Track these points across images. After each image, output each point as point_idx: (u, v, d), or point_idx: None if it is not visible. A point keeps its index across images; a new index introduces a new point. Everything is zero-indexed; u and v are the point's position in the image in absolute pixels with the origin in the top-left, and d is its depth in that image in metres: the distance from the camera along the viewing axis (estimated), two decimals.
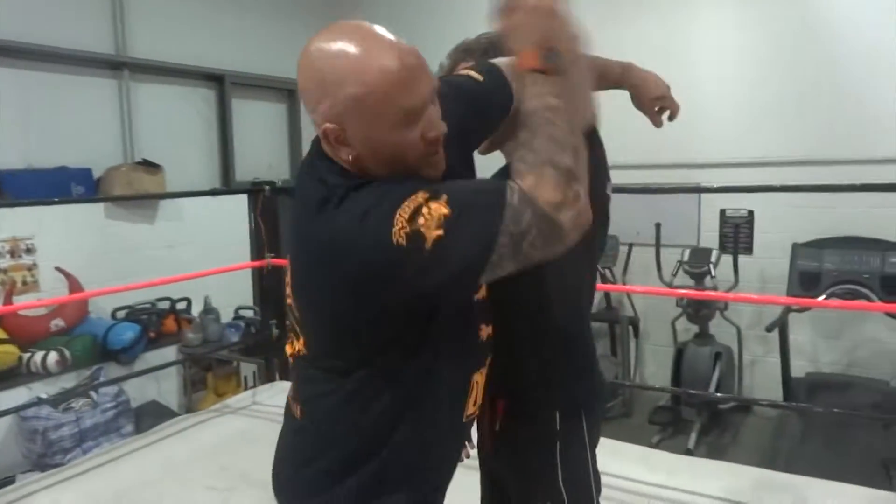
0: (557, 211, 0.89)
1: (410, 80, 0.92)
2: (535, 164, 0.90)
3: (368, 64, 0.91)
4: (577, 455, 1.33)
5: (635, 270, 5.29)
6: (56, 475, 2.89)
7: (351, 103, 0.93)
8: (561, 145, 0.91)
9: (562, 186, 0.89)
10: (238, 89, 5.61)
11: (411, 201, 0.89)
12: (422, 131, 0.95)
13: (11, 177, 4.18)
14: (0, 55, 4.19)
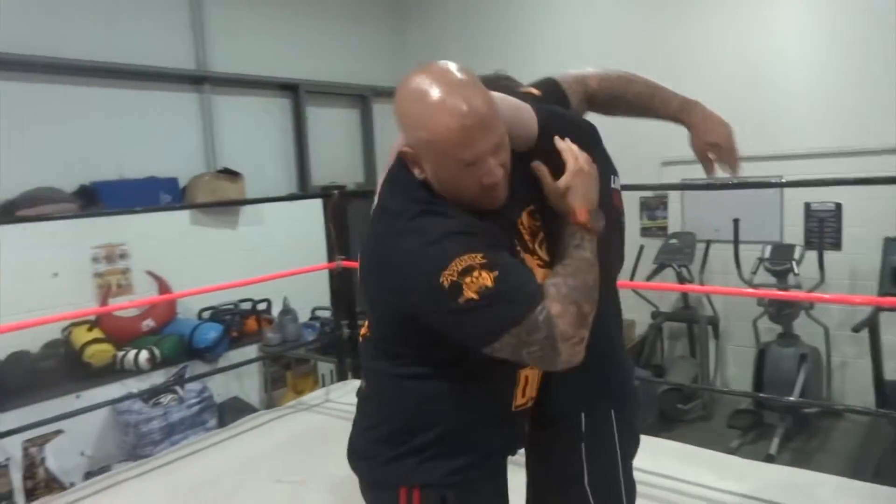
0: (564, 342, 1.05)
1: (468, 139, 1.06)
2: (566, 299, 1.07)
3: (437, 118, 1.06)
4: (605, 457, 1.33)
5: (714, 268, 5.12)
6: (144, 465, 3.09)
7: (421, 144, 1.10)
8: (588, 295, 1.09)
9: (578, 326, 1.06)
10: (312, 97, 5.80)
11: (470, 258, 1.05)
12: (479, 178, 1.10)
13: (106, 187, 4.49)
14: (92, 76, 4.51)
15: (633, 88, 1.41)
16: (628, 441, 1.37)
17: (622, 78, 1.41)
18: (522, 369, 1.23)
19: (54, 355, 3.98)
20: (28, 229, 4.02)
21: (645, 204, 5.57)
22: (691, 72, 5.18)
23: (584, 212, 1.15)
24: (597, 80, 1.42)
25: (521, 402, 1.27)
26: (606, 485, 1.33)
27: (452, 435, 1.21)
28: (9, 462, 3.54)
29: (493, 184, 1.11)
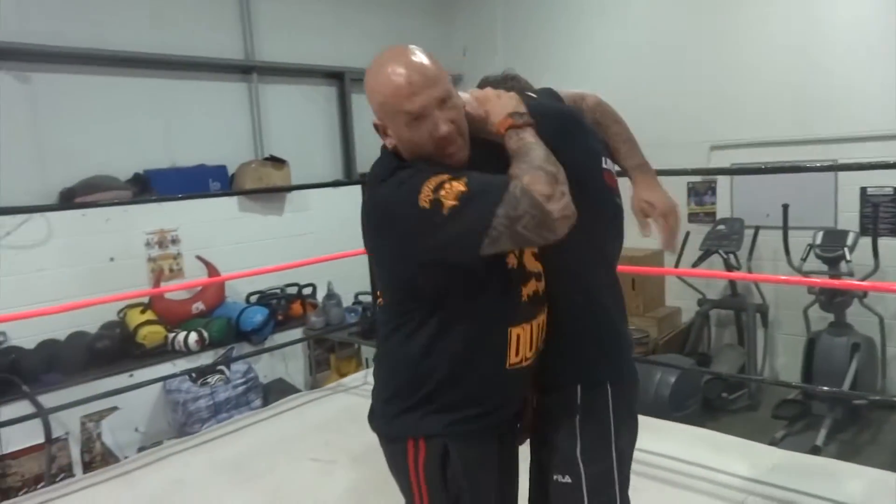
0: (548, 201, 1.13)
1: (410, 91, 1.20)
2: (529, 169, 1.15)
3: (385, 78, 1.23)
4: (598, 429, 1.35)
5: (764, 255, 4.98)
6: (190, 441, 3.23)
7: (380, 109, 1.26)
8: (546, 160, 1.17)
9: (551, 183, 1.14)
10: (357, 85, 5.85)
11: (437, 178, 1.18)
12: (429, 131, 1.22)
13: (158, 175, 4.66)
14: (144, 67, 4.67)
15: (615, 129, 1.52)
16: (624, 417, 1.37)
17: (611, 115, 1.53)
18: (514, 327, 1.30)
19: (110, 336, 4.17)
20: (87, 215, 4.22)
21: (693, 189, 5.45)
22: (743, 57, 5.04)
23: (505, 119, 1.24)
24: (593, 103, 1.53)
25: (515, 360, 1.32)
26: (598, 459, 1.34)
27: (451, 389, 1.29)
28: (68, 436, 3.74)
29: (442, 137, 1.22)
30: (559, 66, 6.13)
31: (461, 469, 1.31)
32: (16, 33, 4.09)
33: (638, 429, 1.46)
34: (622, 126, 1.50)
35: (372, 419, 1.40)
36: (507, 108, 1.26)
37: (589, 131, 1.43)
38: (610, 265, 1.44)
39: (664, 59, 5.44)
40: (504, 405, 1.36)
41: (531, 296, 1.32)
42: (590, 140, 1.41)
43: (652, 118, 5.52)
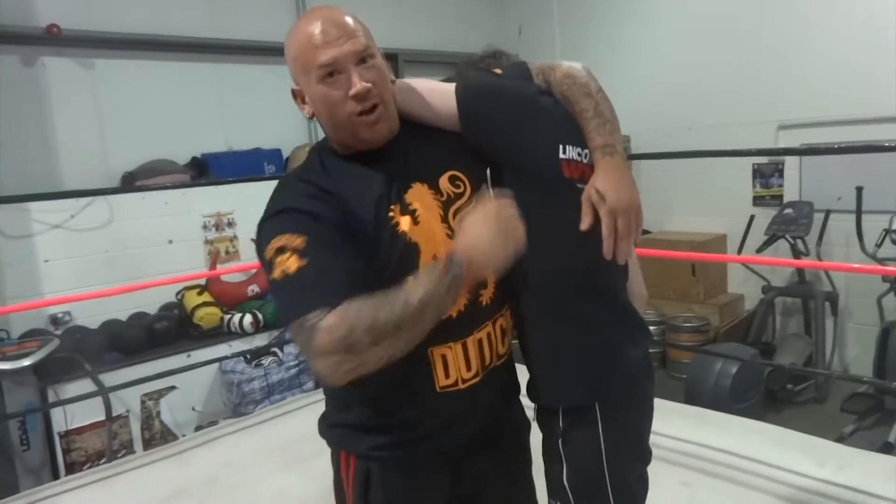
0: (318, 356, 0.99)
1: (325, 42, 1.11)
2: (345, 319, 0.98)
3: (297, 33, 1.14)
4: (585, 452, 1.21)
5: (835, 240, 4.74)
6: (244, 422, 3.29)
7: (292, 63, 1.16)
8: (371, 329, 0.97)
9: (338, 349, 0.97)
10: (411, 66, 5.81)
11: (289, 239, 1.06)
12: (344, 87, 1.12)
13: (214, 159, 4.74)
14: (201, 51, 4.73)
15: (583, 104, 1.23)
16: (621, 442, 1.23)
17: (581, 88, 1.24)
18: (436, 347, 1.16)
19: (169, 317, 4.28)
20: (146, 198, 4.33)
21: (758, 171, 5.21)
22: (811, 32, 4.77)
23: (448, 252, 1.04)
24: (560, 76, 1.26)
25: (447, 382, 1.19)
26: (587, 484, 1.22)
27: (377, 413, 1.21)
28: (129, 413, 3.87)
29: (358, 94, 1.11)
30: (616, 44, 5.94)
31: (382, 497, 1.22)
32: (80, 21, 4.19)
33: (650, 456, 1.31)
34: (591, 100, 1.22)
35: (320, 419, 1.33)
36: (459, 243, 1.05)
37: (545, 115, 1.24)
38: (590, 268, 1.21)
39: (728, 34, 5.20)
40: (448, 430, 1.22)
41: (464, 309, 1.17)
42: (545, 126, 1.23)
43: (715, 97, 5.31)
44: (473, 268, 1.02)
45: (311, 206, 1.11)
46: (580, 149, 1.23)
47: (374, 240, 1.13)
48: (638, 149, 5.72)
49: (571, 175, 1.21)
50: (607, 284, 1.26)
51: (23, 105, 4.08)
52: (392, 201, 1.15)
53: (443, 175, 1.21)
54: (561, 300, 1.22)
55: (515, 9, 6.67)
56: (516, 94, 1.26)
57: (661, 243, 5.38)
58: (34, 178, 4.02)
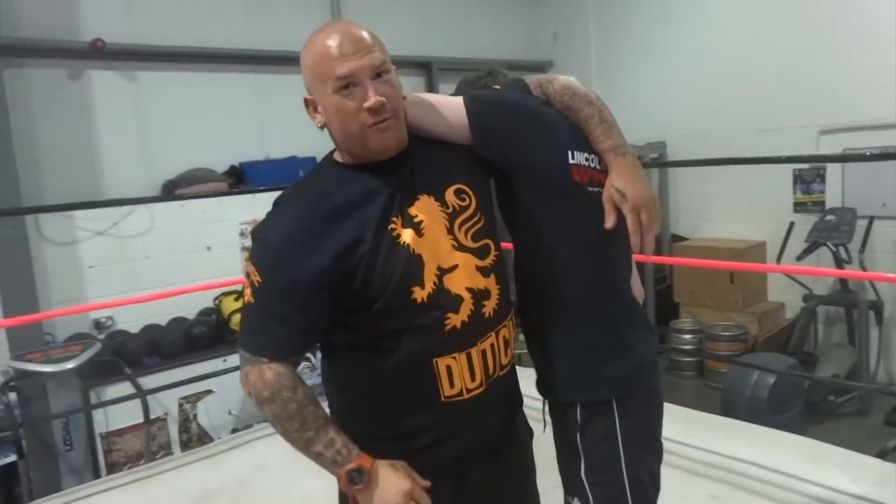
0: (244, 384, 1.19)
1: (343, 56, 1.14)
2: (276, 394, 1.15)
3: (316, 44, 1.17)
4: (604, 448, 1.25)
5: (880, 248, 4.60)
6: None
7: (308, 73, 1.19)
8: (279, 426, 1.18)
9: (258, 401, 1.18)
10: (445, 74, 5.85)
11: (255, 273, 1.17)
12: (359, 100, 1.14)
13: (251, 167, 4.84)
14: (239, 62, 4.85)
15: (587, 111, 1.31)
16: (637, 437, 1.27)
17: (582, 97, 1.32)
18: (440, 358, 1.19)
19: (206, 322, 4.39)
20: (186, 206, 4.45)
21: (799, 176, 5.09)
22: (853, 34, 4.65)
23: (360, 462, 1.16)
24: (559, 87, 1.33)
25: (452, 392, 1.21)
26: (606, 480, 1.25)
27: (383, 424, 1.24)
28: (167, 416, 3.97)
29: (371, 107, 1.14)
30: (652, 49, 5.88)
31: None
32: (123, 35, 4.34)
33: (661, 452, 1.35)
34: (595, 107, 1.30)
35: None
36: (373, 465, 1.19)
37: (551, 124, 1.29)
38: (607, 269, 1.30)
39: (767, 38, 5.10)
40: (453, 439, 1.24)
41: (468, 320, 1.20)
42: (552, 134, 1.28)
43: (754, 102, 5.22)
44: (364, 487, 1.16)
45: (292, 252, 1.16)
46: (587, 154, 1.29)
47: (372, 256, 1.15)
48: (674, 155, 5.65)
49: (581, 179, 1.26)
50: (619, 283, 1.33)
51: (68, 117, 4.23)
52: (394, 213, 1.18)
53: (449, 188, 1.24)
54: (577, 300, 1.27)
55: (550, 16, 6.66)
56: (522, 106, 1.31)
57: (698, 251, 5.30)
58: (79, 188, 4.16)
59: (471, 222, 1.23)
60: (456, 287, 1.19)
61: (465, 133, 1.25)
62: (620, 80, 6.08)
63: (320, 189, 1.21)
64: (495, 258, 1.25)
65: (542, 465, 1.44)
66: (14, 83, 3.97)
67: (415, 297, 1.16)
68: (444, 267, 1.18)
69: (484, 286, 1.22)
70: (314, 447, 1.15)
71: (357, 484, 1.14)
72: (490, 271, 1.23)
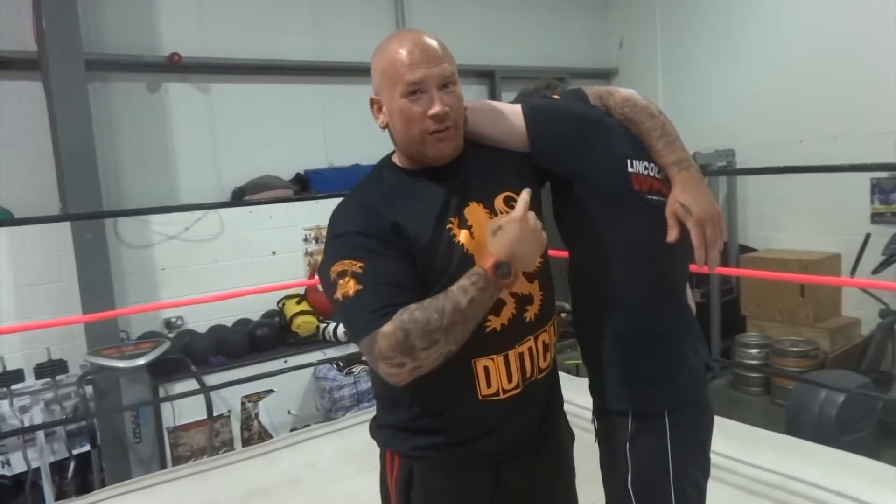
0: (382, 360, 1.11)
1: (414, 64, 1.20)
2: (400, 324, 1.09)
3: (390, 49, 1.23)
4: (652, 460, 1.24)
5: None
6: (329, 427, 3.44)
7: (379, 76, 1.25)
8: (424, 331, 1.09)
9: (398, 351, 1.09)
10: (508, 83, 5.87)
11: (350, 264, 1.16)
12: (424, 107, 1.20)
13: (316, 175, 4.98)
14: (305, 73, 5.02)
15: (649, 124, 1.32)
16: (687, 451, 1.26)
17: (643, 110, 1.33)
18: (479, 359, 1.23)
19: (269, 324, 4.54)
20: (253, 212, 4.62)
21: (877, 186, 4.85)
22: None
23: (491, 259, 1.12)
24: (620, 100, 1.34)
25: (489, 392, 1.25)
26: (652, 493, 1.24)
27: (422, 415, 1.27)
28: (230, 413, 4.13)
29: (436, 115, 1.19)
30: (720, 54, 5.74)
31: (422, 495, 1.28)
32: (198, 49, 4.57)
33: (709, 468, 1.33)
34: (657, 120, 1.31)
35: (371, 421, 1.41)
36: (508, 253, 1.12)
37: (610, 133, 1.30)
38: (665, 278, 1.31)
39: (841, 41, 4.90)
40: (489, 436, 1.28)
41: (508, 324, 1.24)
42: (611, 143, 1.29)
43: (828, 108, 5.01)
44: (514, 269, 1.12)
45: (368, 228, 1.20)
46: (646, 163, 1.29)
47: (431, 249, 1.21)
48: (743, 163, 5.48)
49: (640, 188, 1.27)
50: (676, 293, 1.33)
51: (147, 127, 4.49)
52: (451, 214, 1.24)
53: (499, 195, 1.28)
54: (633, 308, 1.27)
55: (616, 22, 6.58)
56: (580, 114, 1.33)
57: (768, 262, 5.12)
58: (155, 194, 4.41)
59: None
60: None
61: (522, 140, 1.29)
62: (688, 87, 5.95)
63: (378, 190, 1.28)
64: (540, 265, 1.28)
65: (588, 475, 1.43)
66: (98, 96, 4.24)
67: None
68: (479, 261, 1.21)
69: (528, 291, 1.27)
70: (464, 305, 1.10)
71: (513, 278, 1.13)
72: (535, 277, 1.27)
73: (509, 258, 1.11)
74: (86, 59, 3.96)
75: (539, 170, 1.32)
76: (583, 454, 1.43)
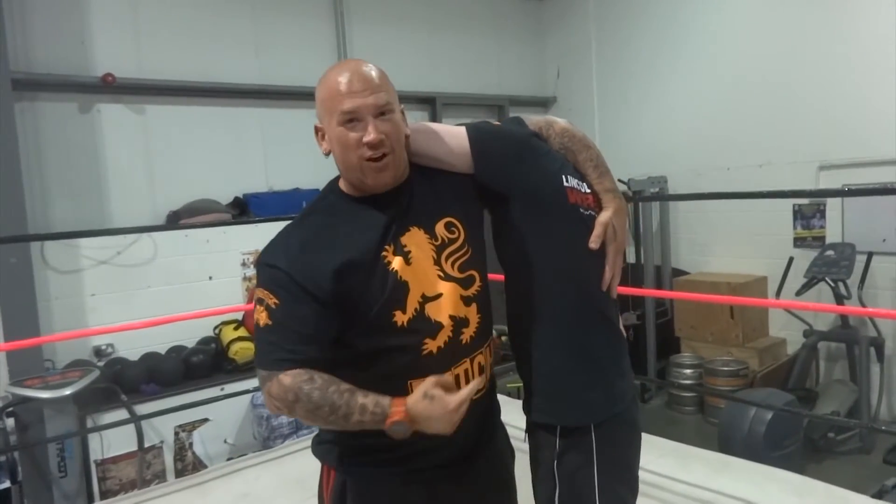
0: (266, 395, 1.21)
1: (349, 90, 1.24)
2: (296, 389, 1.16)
3: (329, 79, 1.27)
4: (580, 474, 1.27)
5: (880, 284, 4.58)
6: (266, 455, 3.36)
7: (319, 105, 1.29)
8: (313, 412, 1.17)
9: (283, 404, 1.18)
10: (449, 109, 5.96)
11: (268, 296, 1.23)
12: (360, 134, 1.23)
13: (255, 199, 4.92)
14: (245, 97, 4.97)
15: (585, 154, 1.43)
16: (614, 467, 1.29)
17: (580, 141, 1.44)
18: (415, 380, 1.23)
19: (205, 351, 4.43)
20: (189, 236, 4.52)
21: (799, 212, 5.09)
22: (853, 71, 4.70)
23: (401, 413, 1.14)
24: (558, 129, 1.44)
25: None
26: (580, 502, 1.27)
27: (358, 432, 1.25)
28: (162, 444, 3.99)
29: (370, 142, 1.22)
30: (654, 85, 5.95)
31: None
32: (133, 70, 4.48)
33: (637, 487, 1.37)
34: (592, 152, 1.43)
35: (313, 438, 1.43)
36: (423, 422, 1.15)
37: (544, 154, 1.38)
38: (591, 294, 1.35)
39: (767, 74, 5.16)
40: (424, 453, 1.29)
41: (444, 346, 1.26)
42: (546, 161, 1.37)
43: (754, 137, 5.25)
44: (414, 428, 1.16)
45: (296, 272, 1.23)
46: (577, 179, 1.39)
47: (367, 276, 1.24)
48: (675, 189, 5.68)
49: (575, 201, 1.35)
50: (604, 311, 1.37)
51: (78, 149, 4.36)
52: (388, 242, 1.26)
53: (439, 221, 1.32)
54: (561, 322, 1.32)
55: (554, 52, 6.77)
56: (518, 134, 1.40)
57: (699, 285, 5.29)
58: (85, 217, 4.27)
59: (458, 254, 1.31)
60: (438, 315, 1.27)
61: (466, 159, 1.33)
62: (622, 115, 6.15)
63: (322, 220, 1.31)
64: (479, 288, 1.32)
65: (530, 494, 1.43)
66: (25, 116, 4.11)
67: (395, 321, 1.24)
68: (428, 295, 1.26)
69: (465, 315, 1.30)
70: (353, 419, 1.15)
71: (404, 434, 1.15)
72: (472, 300, 1.31)
73: (415, 425, 1.14)
74: (13, 78, 3.84)
75: (480, 192, 1.36)
76: (525, 473, 1.44)
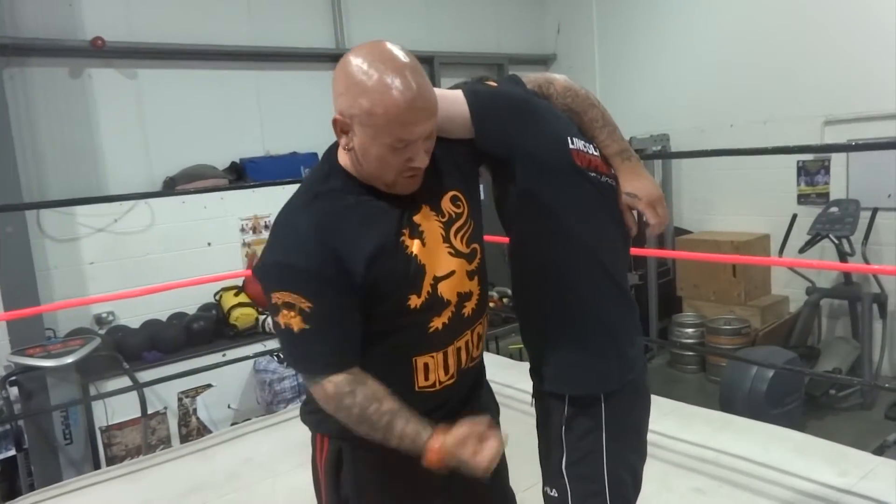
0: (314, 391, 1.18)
1: (412, 119, 1.09)
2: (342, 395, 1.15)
3: (387, 93, 1.08)
4: (588, 443, 1.26)
5: (884, 240, 4.54)
6: (269, 420, 3.38)
7: (362, 114, 1.10)
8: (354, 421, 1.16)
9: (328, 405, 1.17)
10: (447, 68, 5.84)
11: (297, 299, 1.12)
12: (406, 159, 1.13)
13: (252, 163, 4.86)
14: (240, 59, 4.87)
15: (591, 114, 1.35)
16: (623, 436, 1.28)
17: (584, 99, 1.36)
18: (420, 356, 1.23)
19: (206, 317, 4.42)
20: (186, 202, 4.48)
21: (803, 168, 5.03)
22: (859, 23, 4.58)
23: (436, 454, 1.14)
24: (560, 88, 1.35)
25: (425, 384, 1.25)
26: (586, 475, 1.26)
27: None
28: (166, 410, 4.02)
29: (416, 168, 1.14)
30: (655, 41, 5.83)
31: (352, 474, 1.29)
32: (123, 33, 4.38)
33: (645, 452, 1.36)
34: (597, 110, 1.35)
35: (301, 406, 1.41)
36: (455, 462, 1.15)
37: (546, 115, 1.31)
38: (601, 260, 1.30)
39: (772, 27, 5.04)
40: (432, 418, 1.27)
41: (448, 322, 1.24)
42: (548, 123, 1.29)
43: (757, 93, 5.16)
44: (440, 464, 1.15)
45: (316, 263, 1.14)
46: (584, 141, 1.31)
47: (391, 262, 1.17)
48: (677, 147, 5.60)
49: (581, 164, 1.28)
50: (618, 280, 1.33)
51: (70, 114, 4.28)
52: (404, 225, 1.20)
53: (445, 195, 1.26)
54: (572, 291, 1.28)
55: (554, 9, 6.62)
56: (518, 96, 1.33)
57: (701, 244, 5.26)
58: (80, 185, 4.22)
59: (465, 228, 1.26)
60: (447, 293, 1.22)
61: (464, 124, 1.25)
62: (624, 73, 6.03)
63: (331, 206, 1.18)
64: (480, 260, 1.28)
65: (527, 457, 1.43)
66: (15, 82, 4.03)
67: (409, 304, 1.19)
68: (438, 275, 1.21)
69: (469, 289, 1.26)
70: (392, 443, 1.15)
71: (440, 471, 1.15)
72: (475, 274, 1.27)
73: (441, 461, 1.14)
74: (0, 44, 3.75)
75: (481, 158, 1.30)
76: (521, 436, 1.43)
